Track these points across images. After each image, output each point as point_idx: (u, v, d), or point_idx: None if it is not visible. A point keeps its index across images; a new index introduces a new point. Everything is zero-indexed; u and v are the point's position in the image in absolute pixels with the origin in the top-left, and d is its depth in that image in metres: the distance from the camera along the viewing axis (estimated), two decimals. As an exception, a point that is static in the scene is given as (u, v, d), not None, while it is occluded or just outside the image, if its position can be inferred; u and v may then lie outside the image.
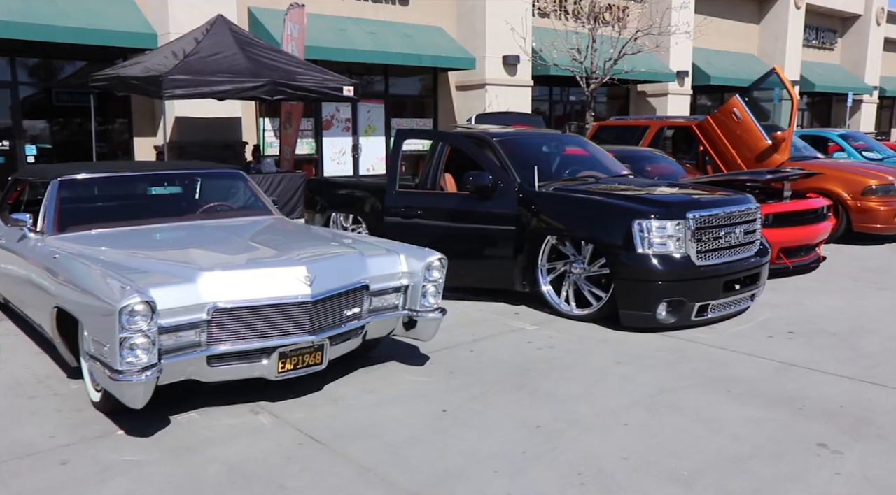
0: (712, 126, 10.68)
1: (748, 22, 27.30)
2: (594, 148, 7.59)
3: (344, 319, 4.39)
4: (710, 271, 5.65)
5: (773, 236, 7.53)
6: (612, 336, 5.61)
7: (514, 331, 5.77)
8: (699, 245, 5.62)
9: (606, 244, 5.68)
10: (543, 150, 7.24)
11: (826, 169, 10.17)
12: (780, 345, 5.38)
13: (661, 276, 5.50)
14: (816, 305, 6.57)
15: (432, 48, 16.44)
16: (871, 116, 31.56)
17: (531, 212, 6.17)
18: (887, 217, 9.65)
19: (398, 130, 6.85)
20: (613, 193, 6.03)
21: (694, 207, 5.66)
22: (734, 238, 5.84)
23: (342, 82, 11.02)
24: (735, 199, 6.06)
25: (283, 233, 5.26)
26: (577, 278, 6.03)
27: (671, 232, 5.54)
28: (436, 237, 6.57)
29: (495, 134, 6.90)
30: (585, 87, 15.17)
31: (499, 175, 6.35)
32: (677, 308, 5.60)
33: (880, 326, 5.86)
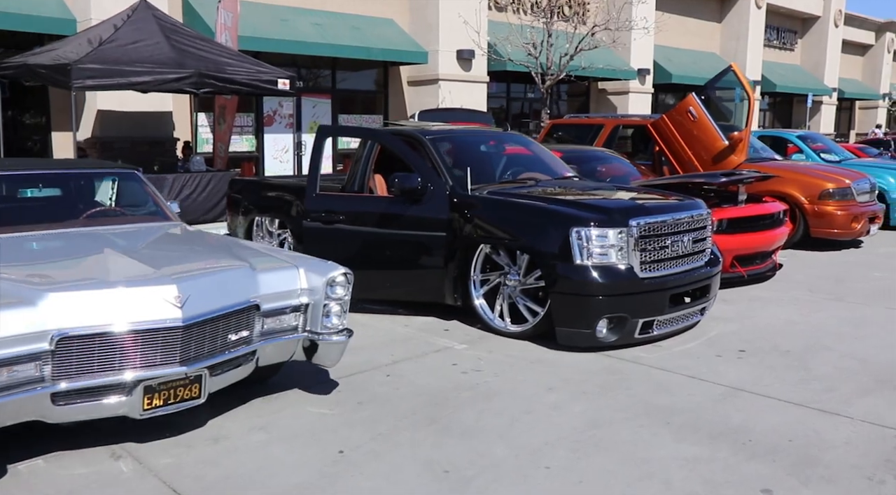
0: (668, 125, 10.25)
1: (710, 20, 27.13)
2: (538, 147, 7.05)
3: (228, 345, 3.77)
4: (656, 284, 5.14)
5: (726, 243, 7.07)
6: (547, 356, 5.07)
7: (439, 351, 5.19)
8: (643, 255, 5.10)
9: (541, 254, 5.14)
10: (481, 150, 6.68)
11: (783, 171, 9.79)
12: (729, 366, 4.89)
13: (601, 290, 4.97)
14: (770, 319, 6.11)
15: (382, 41, 15.81)
16: (831, 118, 31.69)
17: (464, 217, 5.60)
18: (845, 222, 9.29)
19: (320, 127, 6.25)
20: (551, 198, 5.50)
21: (638, 214, 5.15)
22: (682, 247, 5.34)
23: (277, 75, 10.34)
24: (683, 205, 5.57)
25: (171, 243, 4.62)
26: (511, 291, 5.48)
27: (613, 241, 5.01)
28: (359, 244, 5.98)
29: (428, 131, 6.32)
30: (541, 83, 14.68)
31: (429, 176, 5.77)
32: (619, 325, 5.08)
33: (835, 342, 5.42)
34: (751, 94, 9.83)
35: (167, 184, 10.17)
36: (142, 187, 5.39)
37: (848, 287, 7.39)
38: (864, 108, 35.49)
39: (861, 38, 33.83)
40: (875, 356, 5.09)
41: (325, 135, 6.33)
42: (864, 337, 5.58)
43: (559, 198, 5.51)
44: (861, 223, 9.36)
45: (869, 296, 6.98)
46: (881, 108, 34.94)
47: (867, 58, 35.08)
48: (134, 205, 5.31)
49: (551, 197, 5.53)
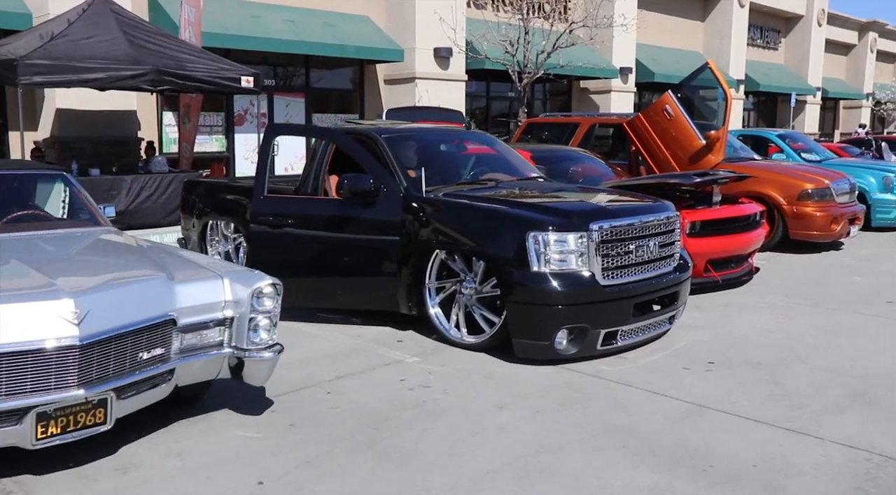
0: (643, 124, 9.96)
1: (693, 19, 26.93)
2: (502, 147, 6.72)
3: (140, 364, 3.42)
4: (619, 292, 4.82)
5: (699, 246, 6.78)
6: (502, 370, 4.74)
7: (388, 365, 4.86)
8: (606, 261, 4.78)
9: (496, 260, 4.81)
10: (441, 150, 6.35)
11: (761, 171, 9.51)
12: (696, 380, 4.58)
13: (560, 299, 4.65)
14: (744, 327, 5.81)
15: (357, 38, 15.45)
16: (815, 117, 31.59)
17: (418, 221, 5.27)
18: (824, 223, 9.02)
19: (269, 125, 5.90)
20: (509, 200, 5.17)
21: (599, 217, 4.83)
22: (648, 252, 5.03)
23: (241, 72, 9.98)
24: (649, 207, 5.25)
25: (89, 251, 4.26)
26: (467, 300, 5.15)
27: (572, 246, 4.69)
28: (309, 250, 5.63)
29: (384, 130, 5.98)
30: (518, 81, 14.36)
31: (382, 178, 5.43)
32: (580, 336, 4.76)
33: (809, 353, 5.12)
34: (728, 92, 9.55)
35: (125, 185, 9.80)
36: (71, 190, 5.02)
37: (826, 291, 7.11)
38: (848, 108, 35.45)
39: (844, 37, 33.76)
40: (849, 368, 4.79)
41: (274, 134, 5.97)
42: (840, 346, 5.28)
43: (518, 200, 5.18)
44: (841, 225, 9.10)
45: (846, 301, 6.70)
46: (865, 108, 34.90)
47: (850, 57, 35.02)
48: (61, 208, 4.94)
49: (510, 199, 5.21)
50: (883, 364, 4.89)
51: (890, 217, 10.95)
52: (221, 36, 13.41)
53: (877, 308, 6.45)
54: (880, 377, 4.62)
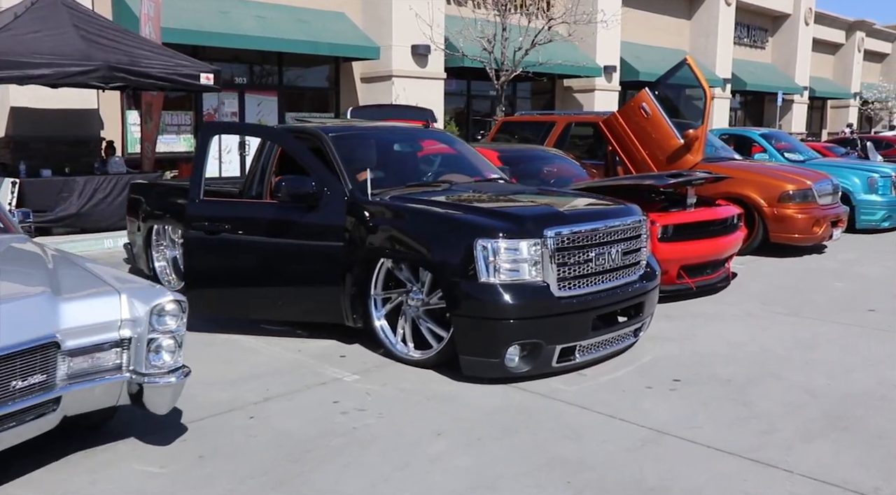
0: (620, 123, 9.58)
1: (679, 17, 26.62)
2: (463, 146, 6.32)
3: (14, 394, 3.00)
4: (577, 304, 4.42)
5: (671, 252, 6.41)
6: (448, 390, 4.34)
7: (325, 384, 4.44)
8: (562, 270, 4.38)
9: (441, 269, 4.41)
10: (395, 150, 5.94)
11: (741, 172, 9.15)
12: (659, 401, 4.18)
13: (510, 313, 4.24)
14: (715, 339, 5.43)
15: (331, 35, 15.02)
16: (802, 117, 31.37)
17: (363, 226, 4.86)
18: (806, 226, 8.65)
19: (206, 123, 5.52)
20: (459, 204, 4.76)
21: (555, 222, 4.42)
22: (610, 260, 4.63)
23: (199, 69, 9.54)
24: (612, 211, 4.86)
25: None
26: (414, 312, 4.75)
27: (525, 254, 4.29)
28: (248, 257, 5.21)
29: (331, 129, 5.57)
30: (495, 79, 13.98)
31: (325, 180, 5.02)
32: (533, 353, 4.36)
33: (783, 368, 4.74)
34: (707, 89, 9.19)
35: (77, 187, 9.34)
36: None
37: (805, 299, 6.74)
38: (836, 107, 35.27)
39: (832, 36, 33.56)
40: (825, 386, 4.41)
41: (212, 132, 5.55)
42: (817, 361, 4.91)
43: (468, 204, 4.77)
44: (823, 227, 8.74)
45: (826, 309, 6.33)
46: (852, 107, 34.71)
47: (838, 57, 34.83)
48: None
49: (460, 203, 4.80)
50: (861, 381, 4.52)
51: (875, 219, 10.61)
52: (189, 32, 12.97)
53: (857, 316, 6.08)
54: (858, 396, 4.25)
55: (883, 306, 6.45)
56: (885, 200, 10.62)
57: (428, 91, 16.76)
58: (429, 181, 5.48)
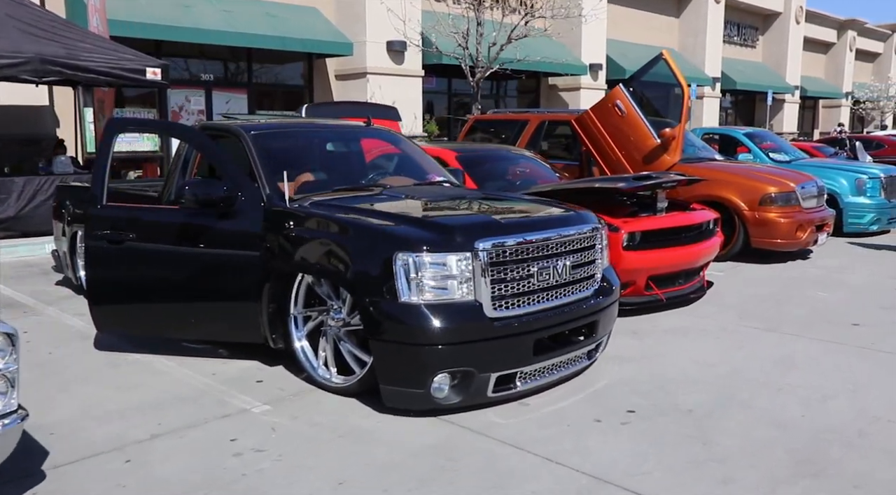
0: (593, 121, 9.05)
1: (667, 15, 26.14)
2: (408, 146, 5.77)
3: None
4: (515, 326, 3.87)
5: (639, 261, 5.88)
6: (366, 425, 3.78)
7: (227, 417, 3.89)
8: (498, 288, 3.83)
9: (358, 287, 3.85)
10: (328, 150, 5.38)
11: (720, 173, 8.63)
12: (607, 438, 3.64)
13: (436, 337, 3.69)
14: (682, 359, 4.89)
15: (302, 31, 14.46)
16: (794, 116, 30.93)
17: (281, 236, 4.30)
18: (788, 230, 8.12)
19: (110, 120, 4.92)
20: (383, 212, 4.20)
21: (490, 233, 3.87)
22: (555, 274, 4.08)
23: (145, 63, 8.97)
24: (561, 219, 4.31)
25: None
26: (336, 333, 4.19)
27: (453, 269, 3.74)
28: (156, 269, 4.65)
29: (254, 126, 5.01)
30: (470, 76, 13.43)
31: (240, 183, 4.47)
32: (464, 382, 3.81)
33: (754, 395, 4.20)
34: (685, 86, 8.65)
35: (15, 188, 8.78)
36: None
37: (786, 311, 6.20)
38: (828, 107, 34.86)
39: (823, 35, 33.15)
40: (799, 418, 3.87)
41: (116, 130, 4.98)
42: (791, 386, 4.37)
43: (395, 212, 4.21)
44: (807, 232, 8.21)
45: (807, 323, 5.80)
46: (844, 107, 34.29)
47: (830, 56, 34.42)
48: None
49: (386, 210, 4.23)
50: (839, 412, 3.98)
51: (863, 222, 10.09)
52: (149, 26, 12.43)
53: (840, 332, 5.55)
54: (833, 431, 3.71)
55: (868, 319, 5.92)
56: (873, 203, 10.10)
57: (405, 89, 16.22)
58: (360, 185, 4.92)
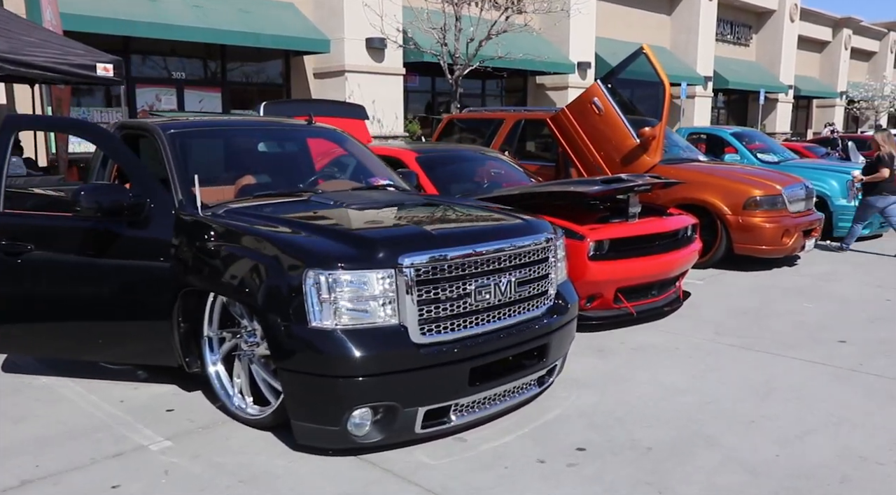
0: (570, 119, 8.60)
1: (659, 12, 25.66)
2: (354, 146, 5.27)
3: None
4: (447, 353, 3.37)
5: (607, 272, 5.40)
6: (276, 466, 3.29)
7: (118, 457, 3.39)
8: (426, 309, 3.34)
9: (265, 309, 3.35)
10: (258, 151, 4.89)
11: (702, 175, 8.14)
12: (549, 484, 3.15)
13: (352, 367, 3.20)
14: (647, 384, 4.40)
15: (276, 27, 13.96)
16: (787, 116, 30.48)
17: (192, 249, 3.81)
18: (774, 236, 7.64)
19: (7, 117, 4.40)
20: (302, 222, 3.69)
21: (417, 246, 3.38)
22: (497, 293, 3.59)
23: (95, 58, 8.45)
24: (503, 229, 3.82)
25: None
26: (251, 358, 3.71)
27: (374, 289, 3.25)
28: (58, 285, 4.14)
29: (175, 124, 4.51)
30: (449, 74, 12.94)
31: (149, 189, 3.97)
32: (387, 418, 3.32)
33: (723, 429, 3.72)
34: (666, 83, 8.19)
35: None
36: None
37: (767, 326, 5.72)
38: (822, 107, 34.43)
39: (818, 34, 32.72)
40: (772, 460, 3.39)
41: (12, 127, 4.49)
42: (767, 418, 3.88)
43: (315, 222, 3.71)
44: (794, 237, 7.73)
45: (790, 340, 5.32)
46: (839, 107, 33.87)
47: (824, 55, 33.99)
48: None
49: (305, 220, 3.73)
50: (818, 450, 3.50)
51: (855, 226, 9.60)
52: (113, 21, 11.94)
53: (825, 350, 5.07)
54: (811, 477, 3.22)
55: (856, 335, 5.45)
56: (865, 206, 9.62)
57: (385, 88, 15.74)
58: (289, 190, 4.41)
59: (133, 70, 13.54)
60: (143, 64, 13.92)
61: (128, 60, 13.56)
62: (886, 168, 8.58)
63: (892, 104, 34.50)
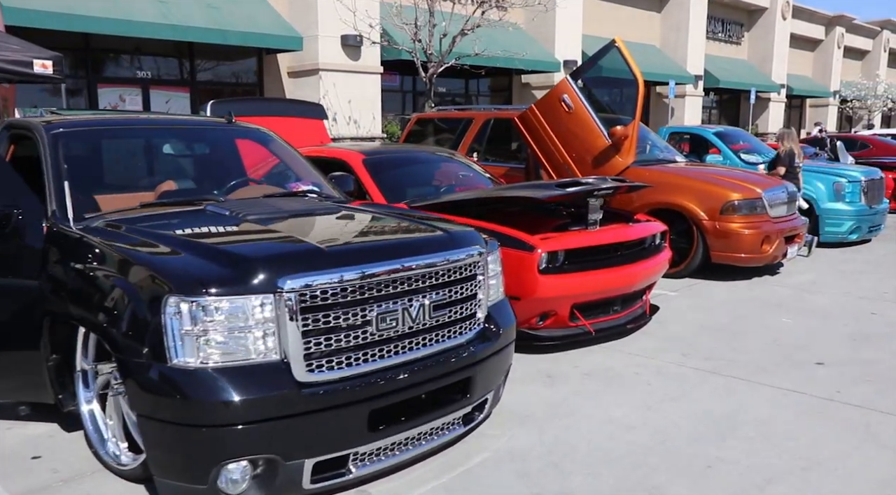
0: (538, 118, 8.10)
1: (648, 10, 25.16)
2: (278, 148, 4.75)
3: None
4: (340, 393, 2.85)
5: (562, 286, 4.89)
6: (131, 532, 2.77)
7: (-51, 520, 2.87)
8: (315, 342, 2.82)
9: (120, 344, 2.83)
10: (164, 153, 4.36)
11: (678, 178, 7.63)
12: (456, 554, 2.63)
13: (221, 414, 2.67)
14: (595, 419, 3.88)
15: (245, 24, 13.42)
16: (780, 116, 29.99)
17: (60, 268, 3.29)
18: (753, 243, 7.12)
19: None
20: (175, 237, 3.16)
21: (305, 265, 2.85)
22: (408, 319, 3.07)
23: (32, 54, 7.91)
24: (420, 243, 3.28)
25: None
26: (121, 395, 3.18)
27: (249, 318, 2.73)
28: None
29: (61, 123, 3.97)
30: (423, 71, 12.42)
31: (18, 196, 3.45)
32: (267, 473, 2.79)
33: (670, 480, 3.19)
34: (640, 78, 7.68)
35: None
36: None
37: (739, 345, 5.21)
38: (815, 106, 33.95)
39: (811, 32, 32.24)
40: (726, 520, 2.88)
41: None
42: (726, 462, 3.36)
43: (191, 238, 3.17)
44: (774, 244, 7.21)
45: (763, 362, 4.81)
46: (832, 106, 33.39)
47: (818, 53, 33.51)
48: None
49: (181, 236, 3.19)
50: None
51: (841, 230, 9.12)
52: (72, 17, 11.39)
53: (799, 375, 4.55)
54: (772, 542, 2.71)
55: (835, 355, 4.93)
56: (853, 209, 9.13)
57: (362, 87, 15.23)
58: (185, 198, 3.88)
59: (95, 69, 13.01)
60: (106, 62, 13.38)
61: (88, 59, 13.04)
62: (783, 166, 8.71)
63: (886, 103, 34.03)
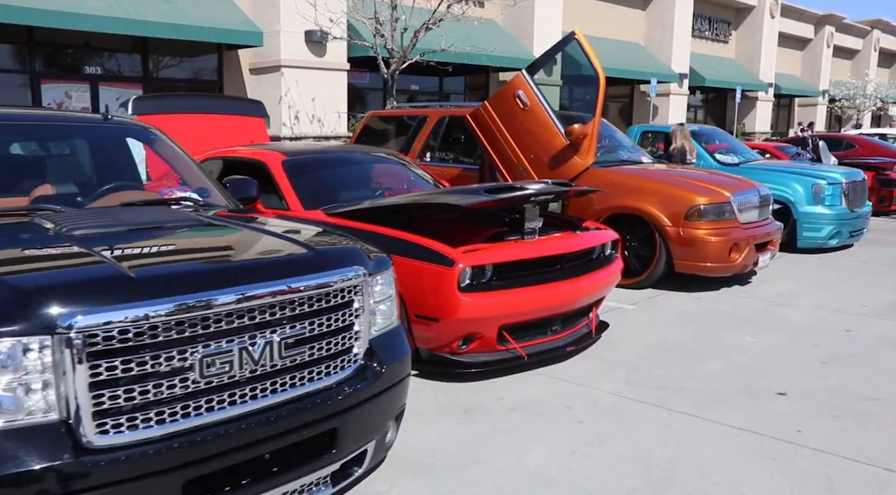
0: (491, 116, 7.53)
1: (633, 7, 24.61)
2: (163, 147, 4.13)
3: None
4: (144, 460, 2.23)
5: (488, 306, 4.29)
6: None
7: None
8: (111, 395, 2.20)
9: None
10: (10, 153, 3.73)
11: (640, 180, 7.05)
12: None
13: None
14: (505, 469, 3.28)
15: (201, 18, 12.77)
16: (767, 115, 29.51)
17: None
18: (720, 251, 6.54)
19: None
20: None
21: (99, 297, 2.22)
22: (249, 361, 2.46)
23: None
24: (271, 265, 2.67)
25: None
26: None
27: (18, 366, 2.11)
28: None
29: None
30: (385, 67, 11.82)
31: None
32: (45, 560, 2.18)
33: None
34: (600, 73, 7.12)
35: None
36: None
37: (693, 370, 4.62)
38: (804, 106, 33.47)
39: (800, 31, 31.75)
40: None
41: None
42: (651, 530, 2.77)
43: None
44: (744, 252, 6.63)
45: (716, 392, 4.22)
46: (821, 106, 32.91)
47: (806, 52, 33.03)
48: None
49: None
50: None
51: (820, 236, 8.55)
52: (15, 9, 10.73)
53: (758, 409, 3.97)
54: None
55: (799, 384, 4.35)
56: (832, 213, 8.57)
57: (327, 84, 14.61)
58: (15, 208, 3.25)
59: (38, 64, 12.36)
60: (50, 57, 12.72)
61: (31, 53, 12.39)
62: (676, 163, 8.76)
63: (875, 103, 33.58)
